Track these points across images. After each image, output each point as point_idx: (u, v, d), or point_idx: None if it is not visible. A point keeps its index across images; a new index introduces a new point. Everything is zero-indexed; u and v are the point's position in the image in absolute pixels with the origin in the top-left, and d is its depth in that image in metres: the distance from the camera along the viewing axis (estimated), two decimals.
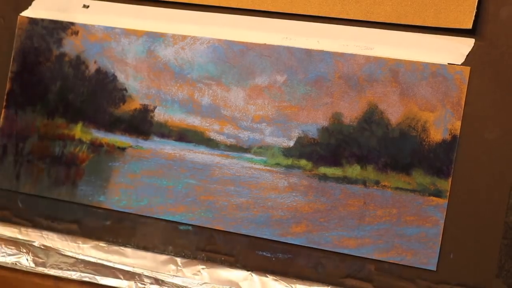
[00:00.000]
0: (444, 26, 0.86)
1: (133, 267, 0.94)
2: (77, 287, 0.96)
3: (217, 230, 0.92)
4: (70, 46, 1.00)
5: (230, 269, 0.91)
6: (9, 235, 1.00)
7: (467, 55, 0.85)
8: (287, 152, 0.90)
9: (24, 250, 0.99)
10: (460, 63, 0.85)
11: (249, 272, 0.90)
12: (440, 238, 0.84)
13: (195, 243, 0.93)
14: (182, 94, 0.95)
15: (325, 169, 0.88)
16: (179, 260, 0.93)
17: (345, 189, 0.88)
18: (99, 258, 0.96)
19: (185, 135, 0.94)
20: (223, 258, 0.92)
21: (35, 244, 0.98)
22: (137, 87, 0.97)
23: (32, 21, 1.02)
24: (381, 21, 0.88)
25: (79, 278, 0.96)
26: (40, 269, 0.97)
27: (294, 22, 0.92)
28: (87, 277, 0.96)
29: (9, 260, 0.99)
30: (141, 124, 0.96)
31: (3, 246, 1.00)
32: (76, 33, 1.00)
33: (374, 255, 0.86)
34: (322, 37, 0.90)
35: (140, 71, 0.97)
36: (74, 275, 0.96)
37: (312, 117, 0.89)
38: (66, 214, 0.98)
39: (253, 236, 0.90)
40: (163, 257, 0.94)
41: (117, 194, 0.96)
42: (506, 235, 0.82)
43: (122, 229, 0.96)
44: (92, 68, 0.99)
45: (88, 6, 1.01)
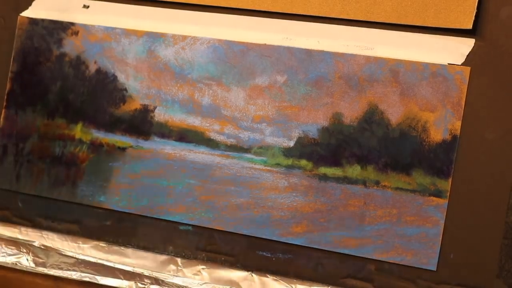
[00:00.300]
0: (444, 26, 0.86)
1: (133, 267, 0.94)
2: (77, 287, 0.96)
3: (217, 230, 0.92)
4: (70, 46, 1.00)
5: (230, 269, 0.91)
6: (9, 235, 1.00)
7: (467, 55, 0.85)
8: (288, 152, 0.90)
9: (24, 250, 0.99)
10: (460, 63, 0.85)
11: (249, 272, 0.90)
12: (440, 238, 0.84)
13: (195, 243, 0.93)
14: (182, 94, 0.95)
15: (326, 169, 0.88)
16: (179, 260, 0.93)
17: (345, 189, 0.88)
18: (99, 258, 0.96)
19: (186, 135, 0.94)
20: (223, 258, 0.92)
21: (35, 244, 0.98)
22: (138, 87, 0.97)
23: (32, 21, 1.02)
24: (381, 21, 0.88)
25: (79, 278, 0.96)
26: (40, 269, 0.97)
27: (294, 22, 0.92)
28: (87, 277, 0.96)
29: (9, 260, 0.99)
30: (142, 124, 0.96)
31: (3, 246, 0.99)
32: (76, 33, 1.00)
33: (374, 255, 0.86)
34: (323, 37, 0.90)
35: (140, 71, 0.97)
36: (74, 275, 0.96)
37: (312, 117, 0.89)
38: (66, 214, 0.98)
39: (253, 236, 0.90)
40: (164, 257, 0.94)
41: (117, 194, 0.96)
42: (507, 235, 0.82)
43: (122, 229, 0.96)
44: (92, 68, 0.99)
45: (88, 6, 1.01)
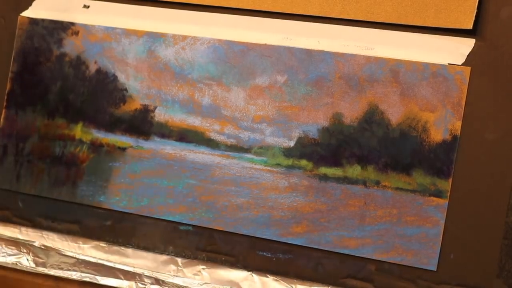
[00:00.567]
0: (444, 26, 0.86)
1: (134, 267, 0.94)
2: (77, 287, 0.96)
3: (217, 230, 0.92)
4: (71, 46, 1.00)
5: (230, 269, 0.91)
6: (10, 235, 1.00)
7: (468, 55, 0.85)
8: (288, 153, 0.90)
9: (25, 250, 0.99)
10: (460, 63, 0.85)
11: (249, 272, 0.90)
12: (441, 238, 0.84)
13: (196, 243, 0.93)
14: (182, 94, 0.95)
15: (326, 169, 0.88)
16: (179, 260, 0.93)
17: (345, 189, 0.88)
18: (100, 258, 0.96)
19: (186, 135, 0.94)
20: (223, 258, 0.92)
21: (35, 244, 0.98)
22: (138, 87, 0.97)
23: (33, 21, 1.02)
24: (381, 21, 0.88)
25: (79, 278, 0.96)
26: (41, 269, 0.97)
27: (294, 22, 0.92)
28: (87, 277, 0.96)
29: (9, 260, 0.99)
30: (142, 124, 0.96)
31: (4, 246, 1.00)
32: (77, 33, 1.00)
33: (374, 255, 0.86)
34: (323, 37, 0.90)
35: (140, 71, 0.97)
36: (75, 275, 0.96)
37: (312, 117, 0.89)
38: (66, 214, 0.98)
39: (253, 236, 0.90)
40: (164, 257, 0.94)
41: (117, 194, 0.96)
42: (507, 235, 0.82)
43: (122, 229, 0.96)
44: (93, 68, 0.99)
45: (88, 6, 1.01)
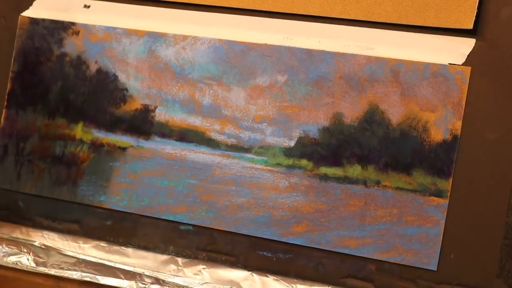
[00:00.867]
0: (445, 26, 0.86)
1: (134, 267, 0.94)
2: (77, 287, 0.96)
3: (218, 230, 0.92)
4: (71, 46, 1.00)
5: (231, 269, 0.91)
6: (10, 235, 1.00)
7: (468, 55, 0.85)
8: (288, 152, 0.90)
9: (25, 250, 0.99)
10: (461, 63, 0.85)
11: (250, 272, 0.90)
12: (441, 238, 0.84)
13: (196, 243, 0.93)
14: (183, 94, 0.95)
15: (326, 169, 0.89)
16: (180, 260, 0.93)
17: (346, 189, 0.88)
18: (100, 258, 0.96)
19: (186, 135, 0.94)
20: (224, 258, 0.92)
21: (35, 243, 0.98)
22: (138, 87, 0.97)
23: (33, 21, 1.02)
24: (382, 21, 0.88)
25: (80, 278, 0.96)
26: (41, 269, 0.97)
27: (295, 22, 0.92)
28: (88, 277, 0.96)
29: (10, 260, 0.99)
30: (142, 124, 0.96)
31: (4, 246, 1.00)
32: (77, 33, 1.00)
33: (375, 255, 0.86)
34: (323, 37, 0.90)
35: (141, 71, 0.97)
36: (75, 275, 0.96)
37: (313, 117, 0.89)
38: (66, 214, 0.98)
39: (254, 236, 0.90)
40: (164, 257, 0.94)
41: (118, 194, 0.96)
42: (507, 235, 0.82)
43: (123, 229, 0.96)
44: (93, 68, 0.99)
45: (89, 6, 1.01)
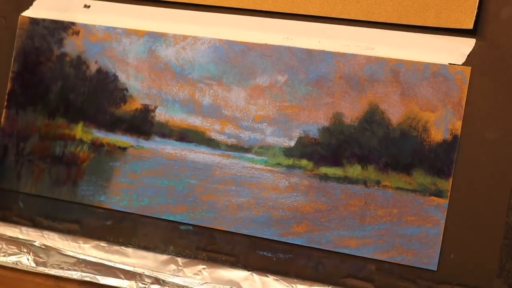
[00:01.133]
0: (445, 26, 0.86)
1: (134, 267, 0.94)
2: (78, 287, 0.96)
3: (218, 230, 0.92)
4: (71, 46, 1.00)
5: (231, 269, 0.91)
6: (10, 235, 1.00)
7: (468, 55, 0.85)
8: (288, 152, 0.90)
9: (25, 250, 0.99)
10: (461, 63, 0.85)
11: (250, 272, 0.90)
12: (441, 238, 0.84)
13: (196, 243, 0.93)
14: (183, 94, 0.95)
15: (326, 169, 0.89)
16: (180, 260, 0.93)
17: (346, 189, 0.88)
18: (100, 258, 0.96)
19: (186, 135, 0.94)
20: (224, 258, 0.92)
21: (36, 243, 0.98)
22: (138, 87, 0.97)
23: (33, 21, 1.02)
24: (382, 21, 0.88)
25: (80, 278, 0.96)
26: (41, 269, 0.97)
27: (295, 22, 0.92)
28: (88, 277, 0.96)
29: (10, 260, 0.99)
30: (142, 124, 0.96)
31: (4, 246, 1.00)
32: (77, 33, 1.00)
33: (375, 255, 0.86)
34: (323, 37, 0.90)
35: (141, 71, 0.97)
36: (75, 275, 0.96)
37: (313, 117, 0.89)
38: (67, 214, 0.98)
39: (254, 236, 0.90)
40: (164, 257, 0.94)
41: (118, 194, 0.96)
42: (507, 235, 0.82)
43: (123, 229, 0.96)
44: (93, 68, 0.99)
45: (89, 6, 1.01)
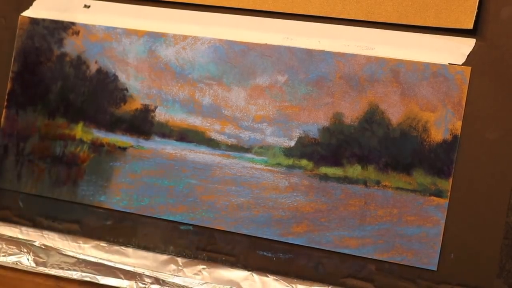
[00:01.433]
0: (445, 26, 0.86)
1: (134, 267, 0.94)
2: (78, 286, 0.96)
3: (218, 230, 0.92)
4: (71, 46, 1.00)
5: (231, 269, 0.91)
6: (10, 235, 1.00)
7: (468, 55, 0.85)
8: (288, 152, 0.90)
9: (25, 250, 0.99)
10: (461, 63, 0.85)
11: (249, 272, 0.90)
12: (441, 238, 0.84)
13: (196, 243, 0.93)
14: (183, 94, 0.95)
15: (326, 169, 0.89)
16: (179, 260, 0.93)
17: (346, 189, 0.88)
18: (100, 258, 0.96)
19: (186, 135, 0.94)
20: (224, 258, 0.92)
21: (36, 243, 0.98)
22: (138, 87, 0.97)
23: (33, 21, 1.02)
24: (382, 21, 0.88)
25: (80, 278, 0.96)
26: (41, 269, 0.97)
27: (295, 22, 0.92)
28: (88, 276, 0.96)
29: (10, 260, 0.99)
30: (142, 124, 0.96)
31: (4, 246, 0.99)
32: (77, 33, 1.00)
33: (375, 255, 0.86)
34: (323, 37, 0.90)
35: (141, 71, 0.97)
36: (75, 275, 0.96)
37: (313, 117, 0.89)
38: (67, 214, 0.98)
39: (254, 236, 0.90)
40: (164, 257, 0.94)
41: (118, 194, 0.96)
42: (507, 235, 0.82)
43: (123, 229, 0.96)
44: (93, 68, 0.99)
45: (89, 6, 1.01)
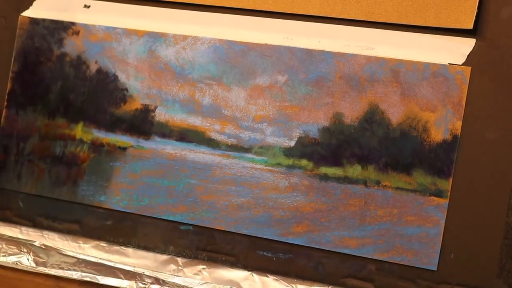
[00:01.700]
0: (445, 26, 0.86)
1: (134, 267, 0.94)
2: (78, 287, 0.96)
3: (218, 230, 0.92)
4: (71, 46, 1.00)
5: (231, 269, 0.91)
6: (10, 235, 1.00)
7: (468, 55, 0.85)
8: (288, 152, 0.90)
9: (25, 250, 0.99)
10: (461, 63, 0.85)
11: (249, 272, 0.90)
12: (441, 238, 0.84)
13: (196, 243, 0.93)
14: (183, 94, 0.95)
15: (326, 169, 0.89)
16: (179, 260, 0.93)
17: (346, 189, 0.88)
18: (100, 258, 0.96)
19: (186, 135, 0.94)
20: (224, 258, 0.92)
21: (36, 243, 0.98)
22: (138, 87, 0.97)
23: (33, 21, 1.02)
24: (382, 21, 0.88)
25: (80, 278, 0.96)
26: (41, 269, 0.97)
27: (295, 22, 0.92)
28: (88, 277, 0.96)
29: (10, 260, 0.99)
30: (142, 124, 0.96)
31: (4, 246, 0.99)
32: (77, 33, 1.00)
33: (375, 255, 0.86)
34: (323, 37, 0.90)
35: (141, 71, 0.97)
36: (75, 275, 0.96)
37: (313, 117, 0.89)
38: (67, 214, 0.98)
39: (254, 236, 0.90)
40: (164, 257, 0.94)
41: (118, 194, 0.96)
42: (507, 235, 0.82)
43: (123, 229, 0.96)
44: (93, 68, 0.99)
45: (89, 6, 1.01)
